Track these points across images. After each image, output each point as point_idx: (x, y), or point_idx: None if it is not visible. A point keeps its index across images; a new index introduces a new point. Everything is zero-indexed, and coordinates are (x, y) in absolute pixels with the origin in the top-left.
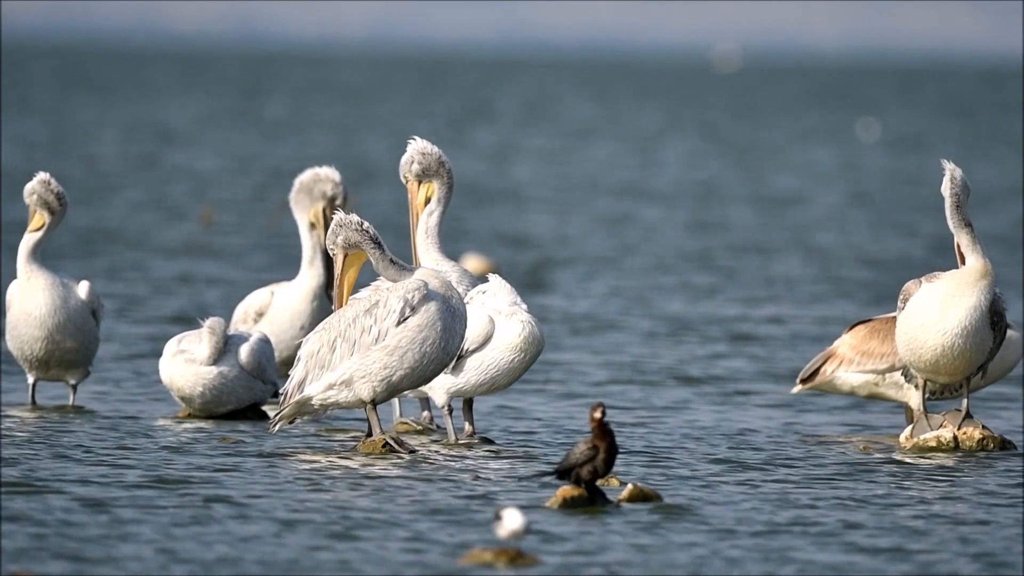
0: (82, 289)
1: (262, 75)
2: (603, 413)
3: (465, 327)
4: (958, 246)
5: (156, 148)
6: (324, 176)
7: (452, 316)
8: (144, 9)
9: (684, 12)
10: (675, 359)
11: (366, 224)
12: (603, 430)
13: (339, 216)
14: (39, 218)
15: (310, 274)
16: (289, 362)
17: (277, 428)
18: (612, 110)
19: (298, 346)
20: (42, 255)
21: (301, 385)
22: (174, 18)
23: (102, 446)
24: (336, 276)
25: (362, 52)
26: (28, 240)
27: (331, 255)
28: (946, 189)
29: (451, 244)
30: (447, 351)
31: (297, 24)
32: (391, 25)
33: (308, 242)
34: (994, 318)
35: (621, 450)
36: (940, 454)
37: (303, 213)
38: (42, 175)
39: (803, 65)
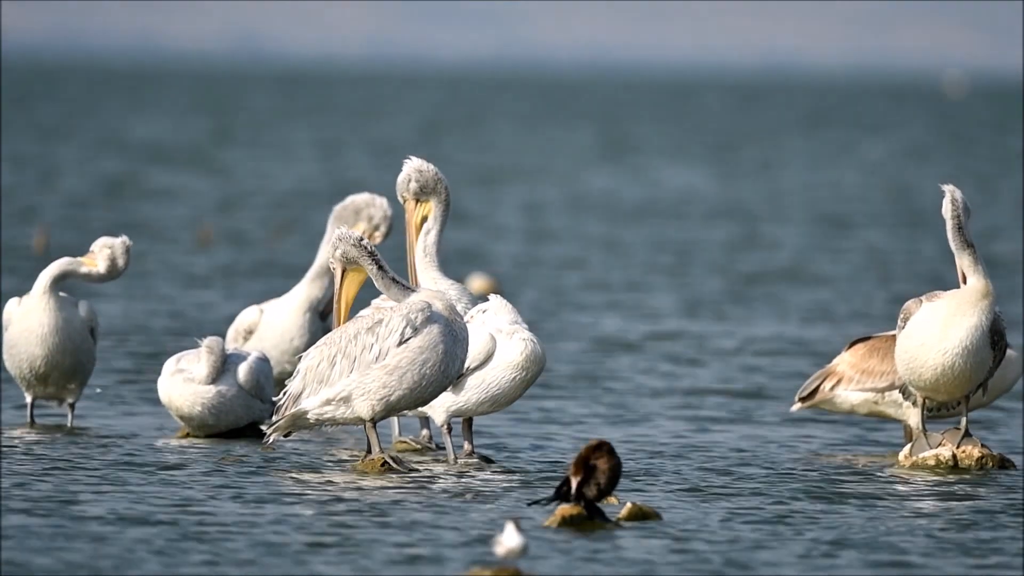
0: (81, 308)
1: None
2: (607, 448)
3: (466, 352)
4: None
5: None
6: (378, 204)
7: (454, 340)
8: (143, 27)
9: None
10: (676, 375)
11: (365, 240)
12: (601, 453)
13: (340, 231)
14: (93, 262)
15: (310, 286)
16: (283, 379)
17: (272, 440)
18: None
19: (291, 362)
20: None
21: (297, 398)
22: (173, 37)
23: (100, 465)
24: (335, 291)
25: (361, 71)
26: (68, 266)
27: (331, 269)
28: (947, 211)
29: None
30: (447, 374)
31: (296, 42)
32: (389, 44)
33: (323, 257)
34: (994, 337)
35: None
36: (939, 472)
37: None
38: (127, 240)
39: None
